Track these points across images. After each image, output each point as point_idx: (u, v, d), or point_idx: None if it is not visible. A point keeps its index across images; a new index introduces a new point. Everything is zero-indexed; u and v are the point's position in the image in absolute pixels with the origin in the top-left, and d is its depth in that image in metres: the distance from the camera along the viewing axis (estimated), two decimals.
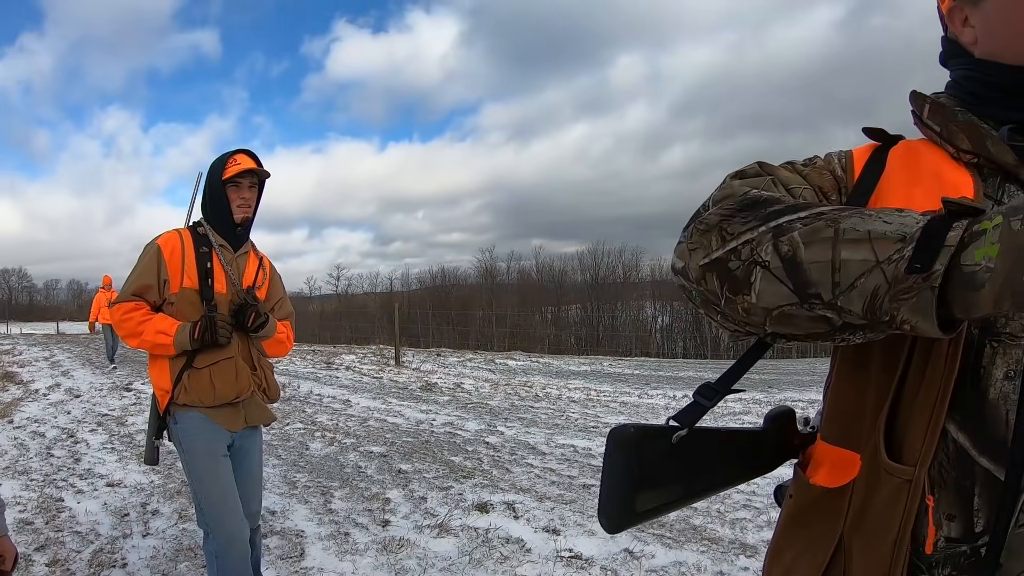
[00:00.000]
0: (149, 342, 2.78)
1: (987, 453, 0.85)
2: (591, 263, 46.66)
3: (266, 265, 3.18)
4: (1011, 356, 0.85)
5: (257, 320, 2.94)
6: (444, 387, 12.82)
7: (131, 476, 6.02)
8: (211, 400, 2.84)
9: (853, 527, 0.94)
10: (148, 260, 2.86)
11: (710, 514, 4.96)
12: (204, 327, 2.79)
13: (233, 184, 2.93)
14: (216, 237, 2.96)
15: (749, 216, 0.87)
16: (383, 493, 5.47)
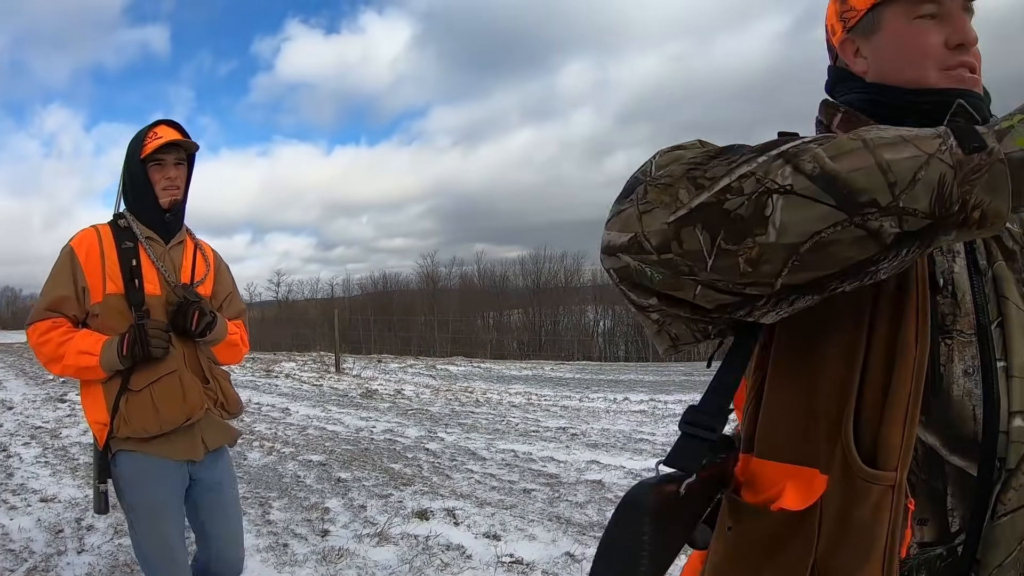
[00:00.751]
0: (72, 366, 2.32)
1: (957, 451, 0.85)
2: (533, 268, 46.79)
3: (208, 254, 2.70)
4: (966, 353, 0.86)
5: (202, 320, 2.43)
6: (384, 394, 12.69)
7: (65, 491, 5.79)
8: (157, 427, 2.35)
9: (830, 550, 0.85)
10: (60, 267, 2.39)
11: None
12: (132, 339, 2.30)
13: (155, 163, 2.45)
14: (141, 228, 2.47)
15: (732, 156, 0.78)
16: (322, 503, 5.37)
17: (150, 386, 2.37)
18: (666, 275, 0.80)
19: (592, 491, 5.74)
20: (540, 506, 5.29)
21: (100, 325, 2.38)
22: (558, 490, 5.78)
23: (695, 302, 0.82)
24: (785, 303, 0.80)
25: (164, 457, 2.40)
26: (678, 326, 0.91)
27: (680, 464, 0.88)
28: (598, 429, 8.88)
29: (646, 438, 8.21)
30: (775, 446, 0.93)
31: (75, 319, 2.40)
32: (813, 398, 0.89)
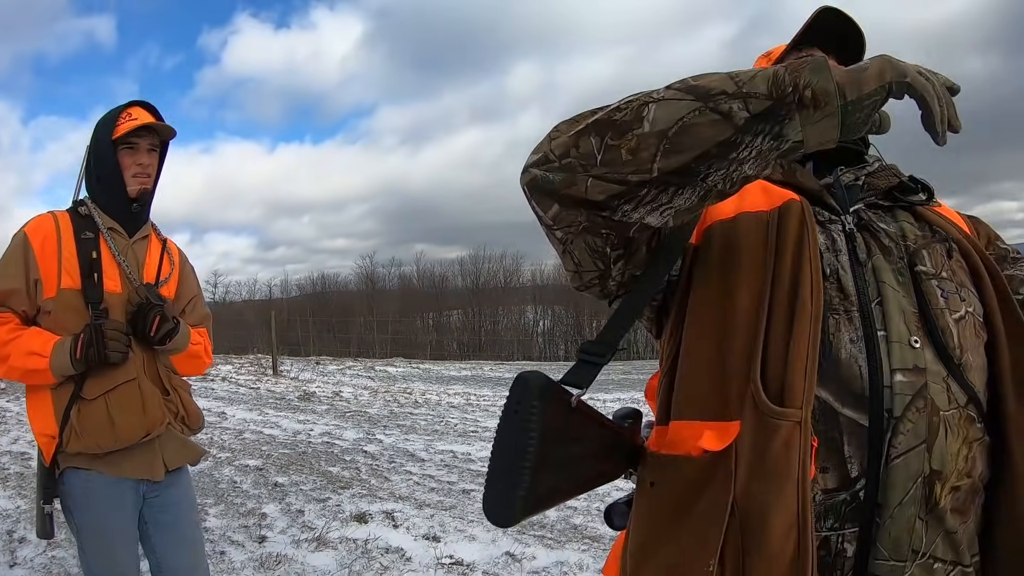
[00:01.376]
0: (18, 368, 2.04)
1: (849, 405, 0.97)
2: (472, 268, 46.80)
3: (173, 252, 2.44)
4: (851, 326, 1.01)
5: (163, 327, 2.17)
6: (322, 396, 12.54)
7: None
8: (112, 442, 2.09)
9: (747, 486, 0.95)
10: (11, 255, 2.12)
11: (590, 512, 5.03)
12: (87, 340, 2.04)
13: (127, 146, 2.21)
14: (104, 218, 2.22)
15: (627, 100, 0.96)
16: (259, 508, 5.28)
17: (105, 395, 2.10)
18: (565, 175, 0.96)
19: None
20: (479, 506, 5.26)
21: (52, 323, 2.11)
22: None
23: (587, 196, 0.96)
24: (664, 195, 0.95)
25: (119, 476, 2.15)
26: (579, 245, 1.06)
27: (573, 381, 1.07)
28: None
29: None
30: (692, 407, 1.07)
31: (24, 315, 2.13)
32: (725, 360, 1.03)
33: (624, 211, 0.98)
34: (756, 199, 1.13)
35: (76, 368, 2.05)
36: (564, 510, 5.11)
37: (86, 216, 2.21)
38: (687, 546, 0.99)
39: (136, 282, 2.22)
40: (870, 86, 0.85)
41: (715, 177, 0.93)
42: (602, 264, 1.10)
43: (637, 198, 0.95)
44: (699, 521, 0.99)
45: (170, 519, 2.31)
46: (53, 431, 2.10)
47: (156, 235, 2.42)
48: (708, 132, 0.88)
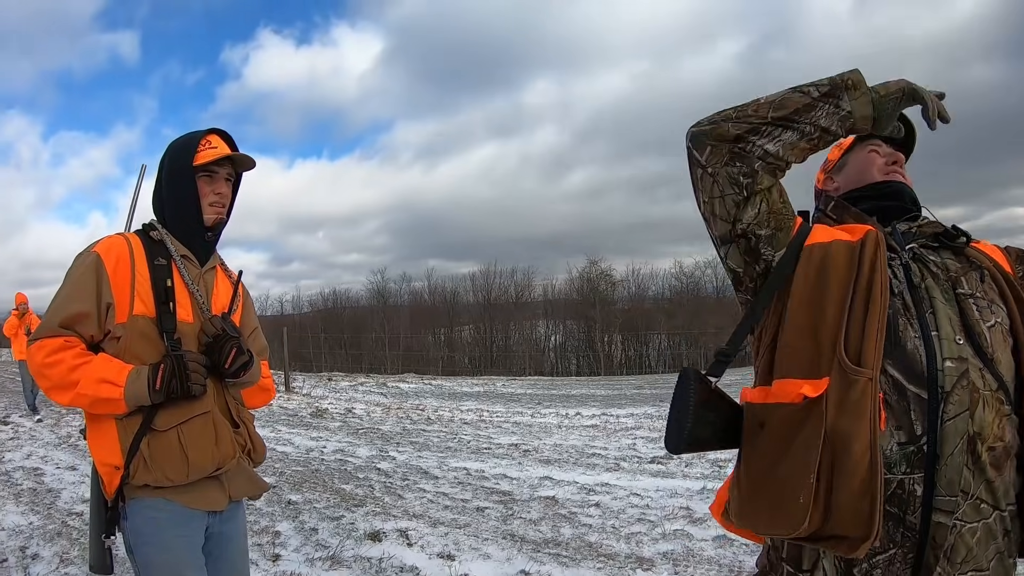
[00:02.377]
0: (88, 396, 1.92)
1: (913, 383, 1.37)
2: (483, 284, 46.74)
3: (239, 285, 2.36)
4: (913, 327, 1.42)
5: (238, 359, 2.08)
6: (335, 413, 12.51)
7: (8, 518, 5.58)
8: (183, 476, 2.00)
9: (835, 422, 1.33)
10: (83, 276, 2.00)
11: (605, 530, 4.98)
12: (170, 372, 1.95)
13: (206, 174, 2.16)
14: (177, 245, 2.14)
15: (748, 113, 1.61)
16: (273, 526, 5.25)
17: (178, 427, 2.00)
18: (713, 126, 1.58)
19: (546, 507, 5.71)
20: (494, 524, 5.25)
21: (120, 350, 2.01)
22: (511, 507, 5.74)
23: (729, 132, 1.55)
24: (776, 131, 1.54)
25: (185, 506, 2.05)
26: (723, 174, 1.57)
27: (713, 372, 1.60)
28: (550, 445, 8.87)
29: (599, 452, 8.20)
30: (793, 370, 1.45)
31: (91, 340, 2.02)
32: (819, 338, 1.43)
33: (752, 141, 1.54)
34: (845, 234, 1.57)
35: (154, 399, 1.96)
36: (580, 528, 5.06)
37: (158, 241, 2.14)
38: (793, 465, 1.37)
39: (208, 312, 2.14)
40: (891, 89, 1.55)
41: (804, 124, 1.53)
42: (739, 189, 1.56)
43: (760, 132, 1.54)
44: (801, 447, 1.37)
45: (226, 553, 2.22)
46: (118, 461, 1.99)
47: (222, 267, 2.35)
48: (798, 101, 1.53)
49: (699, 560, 4.28)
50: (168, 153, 2.21)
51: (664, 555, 4.40)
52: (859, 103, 1.50)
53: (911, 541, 1.35)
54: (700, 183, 1.60)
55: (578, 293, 43.47)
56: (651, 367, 33.74)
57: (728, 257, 1.64)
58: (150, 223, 2.20)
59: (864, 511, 1.28)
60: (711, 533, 4.74)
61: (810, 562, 1.45)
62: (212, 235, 2.23)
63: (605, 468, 7.27)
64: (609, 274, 42.67)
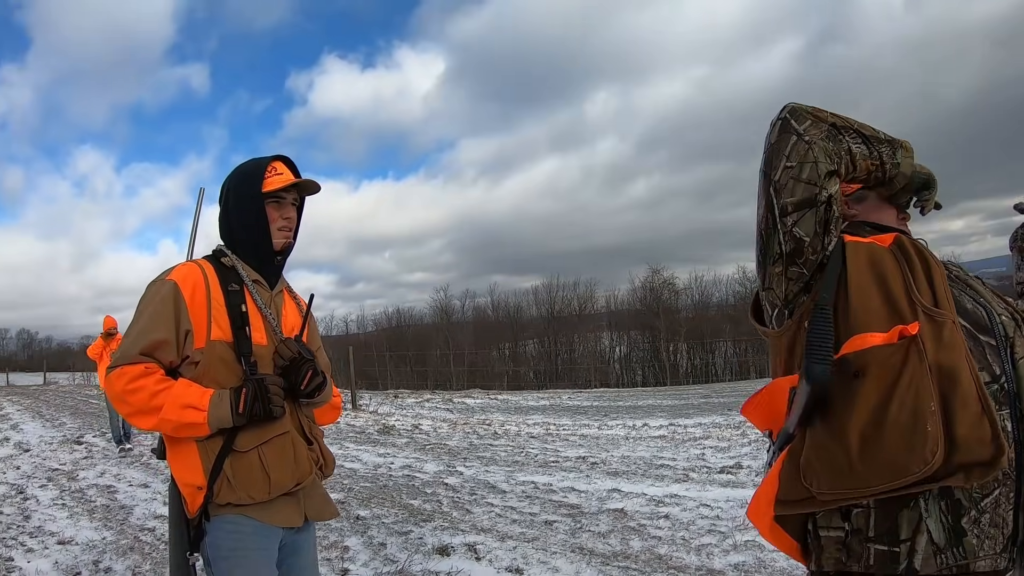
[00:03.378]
0: (172, 421, 1.97)
1: (982, 332, 1.50)
2: (546, 297, 46.78)
3: (302, 304, 2.41)
4: (968, 296, 1.58)
5: (314, 380, 2.13)
6: (402, 429, 12.63)
7: (83, 533, 5.79)
8: (265, 494, 2.06)
9: (936, 355, 1.40)
10: (161, 304, 2.05)
11: (675, 542, 4.91)
12: (253, 395, 2.01)
13: (274, 200, 2.21)
14: (248, 271, 2.21)
15: None
16: (341, 541, 5.32)
17: (259, 448, 2.06)
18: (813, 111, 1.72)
19: (614, 520, 5.66)
20: (562, 537, 5.22)
21: (198, 375, 2.06)
22: (580, 520, 5.70)
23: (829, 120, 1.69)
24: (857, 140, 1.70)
25: (265, 523, 2.11)
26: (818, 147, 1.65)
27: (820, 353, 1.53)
28: (618, 456, 8.80)
29: (667, 463, 8.11)
30: (871, 326, 1.48)
31: (169, 365, 2.07)
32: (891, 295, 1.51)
33: (843, 134, 1.67)
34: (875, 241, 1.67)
35: (237, 422, 2.01)
36: (649, 540, 4.99)
37: (230, 268, 2.19)
38: (909, 399, 1.37)
39: (280, 335, 2.20)
40: (925, 169, 1.78)
41: (873, 148, 1.71)
42: (831, 160, 1.64)
43: (849, 131, 1.69)
44: (909, 382, 1.38)
45: (297, 564, 2.27)
46: (200, 482, 2.04)
47: (288, 289, 2.42)
48: (875, 131, 1.73)
49: (771, 571, 4.19)
50: (234, 180, 2.25)
51: (735, 567, 4.32)
52: (905, 162, 1.74)
53: (1011, 479, 1.41)
54: (791, 149, 1.65)
55: (641, 303, 43.26)
56: (717, 375, 33.26)
57: (798, 224, 1.63)
58: (219, 249, 2.25)
59: (987, 433, 1.33)
60: None
61: (910, 528, 1.40)
62: (281, 259, 2.29)
63: (674, 479, 7.18)
64: (672, 283, 42.40)
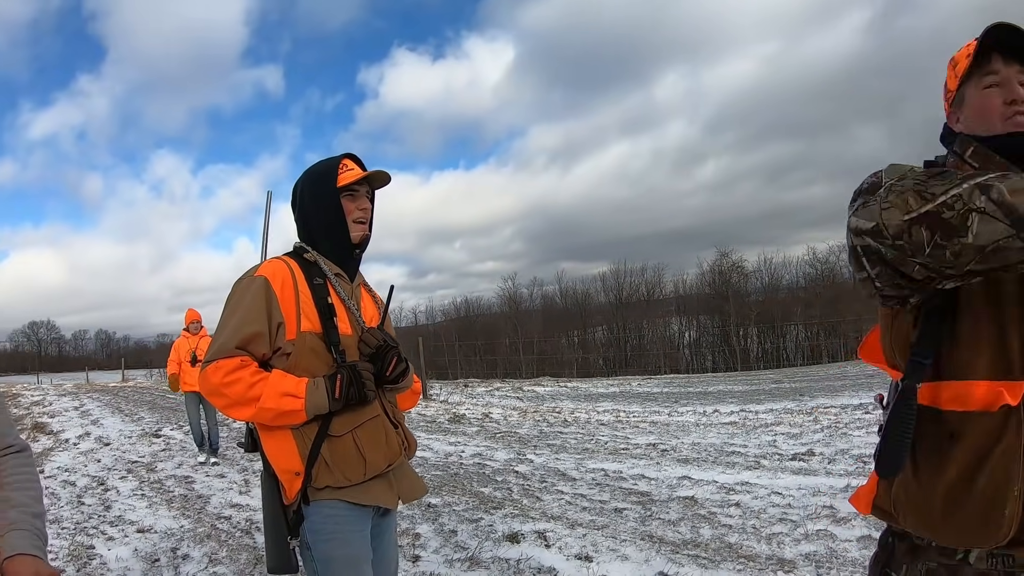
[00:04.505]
0: (272, 410, 2.05)
1: None
2: (614, 283, 46.52)
3: (377, 295, 2.52)
4: None
5: (399, 367, 2.23)
6: (472, 418, 12.77)
7: (161, 521, 6.05)
8: (361, 474, 2.15)
9: None
10: (254, 299, 2.14)
11: (745, 530, 4.88)
12: (347, 381, 2.10)
13: (349, 194, 2.29)
14: (330, 265, 2.30)
15: (945, 180, 1.25)
16: (413, 528, 5.43)
17: (353, 431, 2.15)
18: (896, 254, 1.30)
19: (684, 508, 5.65)
20: (632, 525, 5.24)
21: (291, 365, 2.15)
22: (650, 508, 5.71)
23: (912, 275, 1.31)
24: (962, 279, 1.29)
25: (362, 504, 2.20)
26: (891, 289, 1.39)
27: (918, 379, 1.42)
28: (688, 443, 8.76)
29: (738, 450, 8.04)
30: (980, 369, 1.35)
31: (262, 358, 2.15)
32: (1005, 337, 1.34)
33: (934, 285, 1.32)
34: None
35: (333, 407, 2.09)
36: (719, 528, 4.98)
37: (312, 263, 2.28)
38: (995, 477, 1.30)
39: (363, 325, 2.29)
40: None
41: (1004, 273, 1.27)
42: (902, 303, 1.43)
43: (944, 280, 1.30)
44: (1001, 458, 1.30)
45: (382, 544, 2.35)
46: (298, 467, 2.13)
47: (364, 283, 2.50)
48: (1014, 256, 1.20)
49: (843, 562, 4.14)
50: (307, 180, 2.35)
51: (806, 556, 4.27)
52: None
53: None
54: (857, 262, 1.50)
55: (710, 287, 42.66)
56: (789, 360, 32.68)
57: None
58: (300, 246, 2.34)
59: None
60: (856, 533, 4.57)
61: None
62: (359, 251, 2.37)
63: (745, 466, 7.12)
64: (740, 265, 41.71)
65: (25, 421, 13.78)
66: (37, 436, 11.57)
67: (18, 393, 21.32)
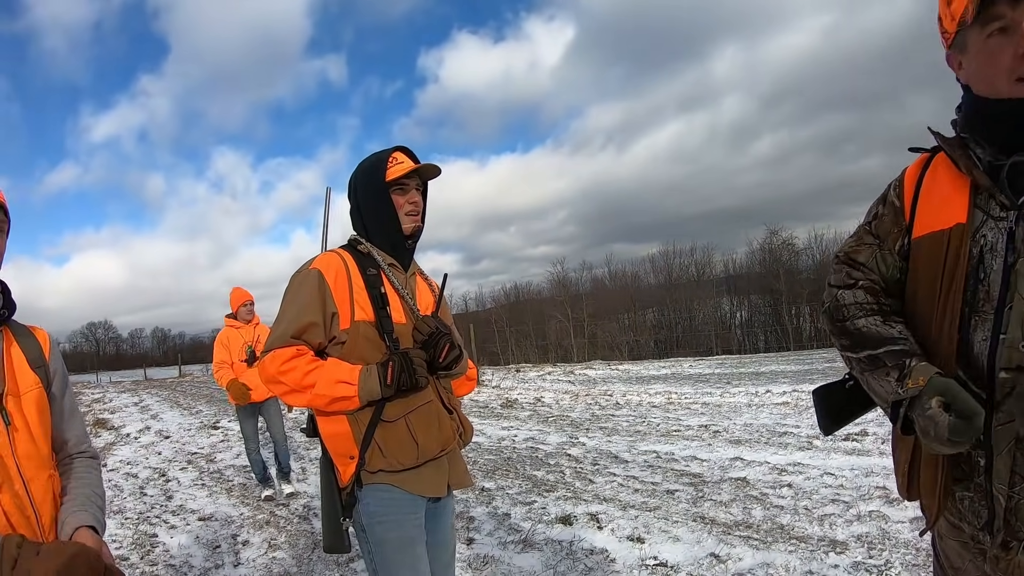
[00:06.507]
0: (325, 396, 2.13)
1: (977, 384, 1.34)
2: (663, 264, 46.15)
3: (434, 284, 2.56)
4: (985, 327, 1.33)
5: (451, 353, 2.25)
6: (524, 403, 12.87)
7: (221, 510, 6.26)
8: (414, 459, 2.22)
9: None
10: (309, 291, 2.22)
11: (797, 511, 4.89)
12: (399, 368, 2.15)
13: (399, 187, 2.35)
14: (383, 256, 2.37)
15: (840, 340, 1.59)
16: (467, 512, 5.54)
17: (406, 416, 2.22)
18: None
19: (736, 489, 5.67)
20: (684, 507, 5.28)
21: (345, 353, 2.22)
22: (702, 489, 5.74)
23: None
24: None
25: (412, 493, 2.26)
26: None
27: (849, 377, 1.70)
28: (740, 424, 8.74)
29: (790, 431, 8.00)
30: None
31: (318, 346, 2.24)
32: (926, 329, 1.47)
33: None
34: (938, 215, 1.43)
35: (385, 393, 2.15)
36: (771, 509, 4.99)
37: (366, 254, 2.35)
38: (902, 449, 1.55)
39: (418, 313, 2.35)
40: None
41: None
42: None
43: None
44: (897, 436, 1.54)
45: (437, 529, 2.41)
46: (353, 452, 2.21)
47: (420, 272, 2.56)
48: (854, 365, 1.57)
49: (895, 544, 4.12)
50: (359, 175, 2.41)
51: (858, 538, 4.27)
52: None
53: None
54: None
55: (760, 265, 42.06)
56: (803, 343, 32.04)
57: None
58: (355, 238, 2.42)
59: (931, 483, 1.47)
60: (908, 514, 4.54)
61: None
62: (412, 242, 2.43)
63: (797, 447, 7.10)
64: (791, 243, 40.98)
65: (87, 417, 14.23)
66: (99, 431, 11.96)
67: (79, 392, 22.03)
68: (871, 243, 1.59)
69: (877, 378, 1.44)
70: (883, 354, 1.44)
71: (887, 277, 1.57)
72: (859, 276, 1.59)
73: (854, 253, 1.62)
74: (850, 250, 1.64)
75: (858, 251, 1.62)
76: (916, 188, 1.51)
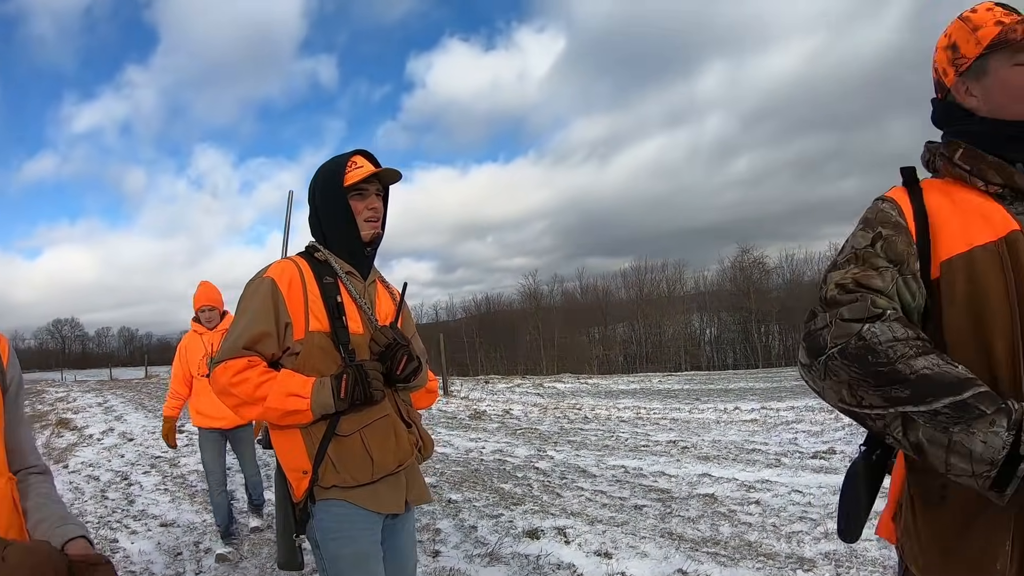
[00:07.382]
0: (277, 409, 2.05)
1: None
2: (635, 279, 46.39)
3: (395, 293, 2.48)
4: None
5: (409, 366, 2.19)
6: (493, 414, 12.81)
7: (184, 516, 6.14)
8: (369, 475, 2.14)
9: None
10: (262, 300, 2.14)
11: (765, 528, 4.87)
12: (353, 380, 2.08)
13: (358, 192, 2.27)
14: (341, 263, 2.28)
15: (877, 391, 1.22)
16: (433, 524, 5.47)
17: (361, 431, 2.14)
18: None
19: (704, 505, 5.65)
20: (652, 522, 5.25)
21: (299, 364, 2.14)
22: (670, 505, 5.72)
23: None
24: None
25: (368, 509, 2.17)
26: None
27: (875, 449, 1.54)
28: (709, 441, 8.75)
29: (758, 447, 8.03)
30: None
31: (271, 358, 2.15)
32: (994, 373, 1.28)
33: None
34: (974, 230, 1.32)
35: (339, 407, 2.07)
36: (739, 526, 4.98)
37: (323, 262, 2.26)
38: (987, 535, 1.27)
39: (375, 323, 2.26)
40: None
41: None
42: None
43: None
44: (992, 519, 1.25)
45: (395, 544, 2.33)
46: (306, 466, 2.13)
47: (380, 279, 2.47)
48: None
49: (863, 561, 4.13)
50: (318, 179, 2.33)
51: (826, 555, 4.27)
52: None
53: None
54: None
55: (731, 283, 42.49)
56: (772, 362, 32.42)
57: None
58: (312, 245, 2.33)
59: None
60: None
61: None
62: (371, 249, 2.35)
63: (765, 464, 7.11)
64: (762, 262, 41.49)
65: (49, 417, 13.98)
66: (61, 432, 11.75)
67: (43, 390, 21.64)
68: (885, 267, 1.36)
69: (972, 431, 1.13)
70: (971, 399, 1.15)
71: (910, 307, 1.36)
72: (885, 305, 1.31)
73: (866, 279, 1.35)
74: (859, 276, 1.36)
75: (870, 276, 1.36)
76: (917, 211, 1.40)
